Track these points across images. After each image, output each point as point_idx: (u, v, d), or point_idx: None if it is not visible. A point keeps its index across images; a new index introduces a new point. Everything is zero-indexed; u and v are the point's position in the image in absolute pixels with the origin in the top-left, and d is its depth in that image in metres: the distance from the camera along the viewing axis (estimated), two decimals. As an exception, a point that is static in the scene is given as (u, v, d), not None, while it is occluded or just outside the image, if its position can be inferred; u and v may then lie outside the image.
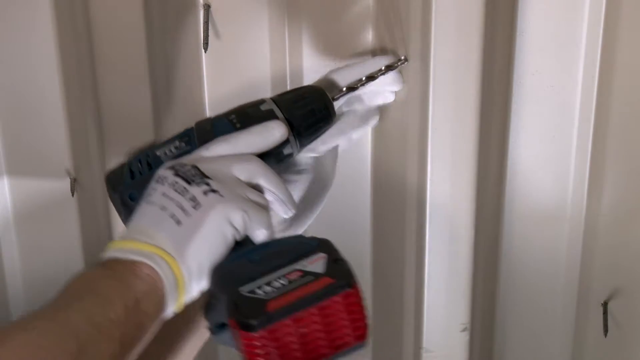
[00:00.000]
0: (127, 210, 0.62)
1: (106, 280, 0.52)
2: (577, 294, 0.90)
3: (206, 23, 0.82)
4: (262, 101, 0.67)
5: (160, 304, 0.53)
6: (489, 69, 0.79)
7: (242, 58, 0.85)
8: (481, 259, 0.87)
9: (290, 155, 0.66)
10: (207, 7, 0.82)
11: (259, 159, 0.61)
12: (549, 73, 0.82)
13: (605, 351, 0.89)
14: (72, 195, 0.89)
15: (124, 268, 0.53)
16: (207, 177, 0.57)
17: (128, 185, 0.63)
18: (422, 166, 0.82)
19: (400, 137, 0.84)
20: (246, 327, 0.49)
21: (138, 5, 0.82)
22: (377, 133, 0.85)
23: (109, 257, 0.54)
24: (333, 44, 0.82)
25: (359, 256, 0.91)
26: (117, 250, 0.54)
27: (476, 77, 0.77)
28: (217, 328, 0.54)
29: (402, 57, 0.77)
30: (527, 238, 0.89)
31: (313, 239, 0.56)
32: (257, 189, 0.60)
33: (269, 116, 0.65)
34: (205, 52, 0.83)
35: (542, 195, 0.87)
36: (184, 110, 0.88)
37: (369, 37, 0.82)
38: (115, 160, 0.86)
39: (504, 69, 0.82)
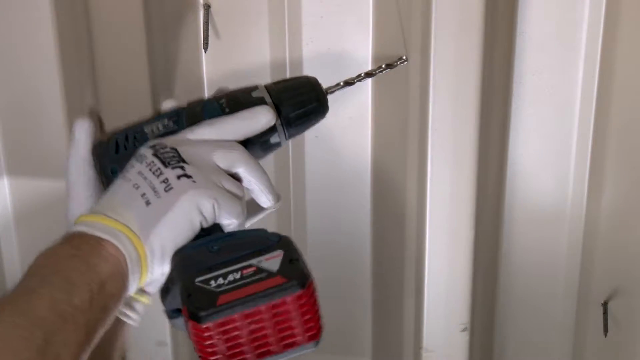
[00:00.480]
0: (107, 182, 0.62)
1: (71, 260, 0.52)
2: (577, 294, 0.90)
3: (206, 23, 0.82)
4: (255, 87, 0.66)
5: (124, 284, 0.54)
6: (489, 69, 0.79)
7: (242, 58, 0.85)
8: (481, 259, 0.87)
9: (278, 144, 0.66)
10: (207, 7, 0.82)
11: (241, 147, 0.61)
12: (549, 73, 0.82)
13: (605, 351, 0.89)
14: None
15: (90, 247, 0.53)
16: (185, 161, 0.57)
17: (111, 159, 0.63)
18: (422, 166, 0.82)
19: (400, 137, 0.84)
20: (195, 318, 0.50)
21: (138, 6, 0.82)
22: (377, 133, 0.85)
23: (77, 231, 0.54)
24: (333, 44, 0.82)
25: (359, 256, 0.91)
26: (86, 224, 0.55)
27: (476, 77, 0.77)
28: (173, 313, 0.55)
29: (403, 57, 0.77)
30: (527, 238, 0.89)
31: (275, 235, 0.56)
32: (237, 177, 0.60)
33: (259, 103, 0.64)
34: (205, 52, 0.83)
35: (542, 195, 0.87)
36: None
37: (369, 38, 0.81)
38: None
39: (504, 69, 0.82)
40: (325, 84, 0.70)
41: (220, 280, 0.52)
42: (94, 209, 0.57)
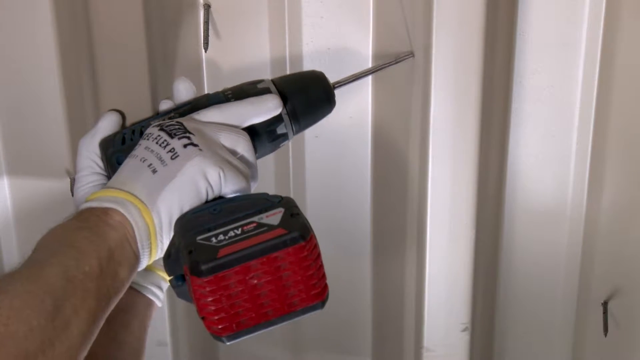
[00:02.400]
0: (113, 171, 0.63)
1: (79, 231, 0.52)
2: (577, 294, 0.90)
3: (206, 23, 0.82)
4: (260, 80, 0.67)
5: (135, 252, 0.54)
6: (489, 69, 0.79)
7: (242, 58, 0.85)
8: (481, 258, 0.88)
9: (284, 135, 0.66)
10: (207, 7, 0.82)
11: (246, 134, 0.61)
12: (549, 73, 0.82)
13: (605, 351, 0.89)
14: (72, 195, 0.89)
15: (97, 218, 0.53)
16: (191, 132, 0.58)
17: (117, 149, 0.63)
18: (423, 166, 0.82)
19: (401, 137, 0.84)
20: (196, 272, 0.50)
21: (138, 6, 0.82)
22: (377, 133, 0.85)
23: (83, 207, 0.55)
24: (333, 44, 0.82)
25: (360, 255, 0.91)
26: (92, 200, 0.55)
27: (476, 77, 0.77)
28: (177, 280, 0.54)
29: (410, 52, 0.78)
30: (527, 238, 0.89)
31: (277, 196, 0.56)
32: (241, 159, 0.60)
33: (265, 93, 0.65)
34: (205, 52, 0.83)
35: (542, 195, 0.87)
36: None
37: (369, 38, 0.82)
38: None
39: (504, 69, 0.82)
40: None
41: (221, 237, 0.51)
42: (101, 189, 0.58)
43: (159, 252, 0.56)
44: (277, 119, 0.64)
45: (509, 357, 0.95)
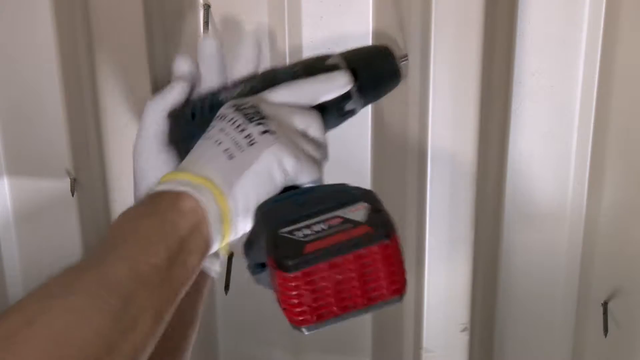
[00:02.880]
0: (185, 147, 0.61)
1: (149, 218, 0.51)
2: (577, 294, 0.90)
3: (206, 23, 0.82)
4: (329, 56, 0.66)
5: (205, 240, 0.52)
6: (489, 69, 0.79)
7: (242, 58, 0.85)
8: (481, 258, 0.87)
9: (352, 111, 0.65)
10: (207, 7, 0.82)
11: (319, 114, 0.61)
12: (549, 73, 0.82)
13: (605, 351, 0.89)
14: (72, 195, 0.89)
15: (169, 203, 0.52)
16: (267, 117, 0.57)
17: (188, 124, 0.62)
18: (422, 166, 0.82)
19: (401, 137, 0.84)
20: (283, 267, 0.49)
21: (138, 6, 0.82)
22: (377, 134, 0.85)
23: (157, 190, 0.53)
24: (333, 44, 0.82)
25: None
26: (165, 182, 0.54)
27: (476, 77, 0.77)
28: (256, 268, 0.54)
29: (405, 54, 0.78)
30: (526, 238, 0.89)
31: (357, 188, 0.56)
32: (313, 142, 0.60)
33: (334, 69, 0.64)
34: (205, 52, 0.83)
35: (542, 195, 0.87)
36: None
37: (369, 38, 0.82)
38: (115, 161, 0.86)
39: (504, 69, 0.82)
40: None
41: (307, 231, 0.51)
42: (175, 169, 0.56)
43: (231, 239, 0.55)
44: (346, 96, 0.63)
45: (508, 357, 0.95)
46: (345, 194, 0.55)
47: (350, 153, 0.86)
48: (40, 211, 0.91)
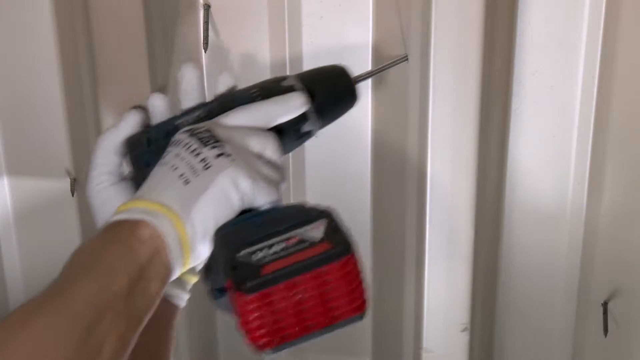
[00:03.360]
0: (141, 175, 0.61)
1: (109, 247, 0.51)
2: (577, 294, 0.90)
3: (206, 23, 0.82)
4: (285, 77, 0.66)
5: (166, 266, 0.53)
6: (489, 69, 0.79)
7: (242, 58, 0.85)
8: (481, 259, 0.87)
9: (310, 133, 0.65)
10: (207, 7, 0.82)
11: (275, 136, 0.61)
12: (549, 73, 0.82)
13: (605, 351, 0.89)
14: (72, 195, 0.89)
15: (128, 232, 0.52)
16: (222, 140, 0.57)
17: (144, 151, 0.63)
18: (422, 166, 0.82)
19: (400, 137, 0.84)
20: (242, 289, 0.49)
21: (138, 5, 0.82)
22: (378, 134, 0.85)
23: (114, 219, 0.54)
24: (333, 44, 0.82)
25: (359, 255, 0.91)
26: (123, 212, 0.54)
27: (476, 77, 0.77)
28: (217, 292, 0.54)
29: (404, 55, 0.78)
30: (527, 238, 0.89)
31: (316, 206, 0.55)
32: (269, 164, 0.60)
33: (290, 90, 0.64)
34: (205, 52, 0.83)
35: (542, 195, 0.87)
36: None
37: (369, 38, 0.82)
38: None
39: (504, 69, 0.82)
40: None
41: (265, 252, 0.51)
42: (131, 197, 0.56)
43: (191, 264, 0.55)
44: (303, 117, 0.64)
45: (508, 357, 0.95)
46: (303, 213, 0.54)
47: (351, 153, 0.86)
48: (40, 211, 0.91)
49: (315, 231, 0.52)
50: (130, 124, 0.63)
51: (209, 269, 0.55)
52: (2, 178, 0.90)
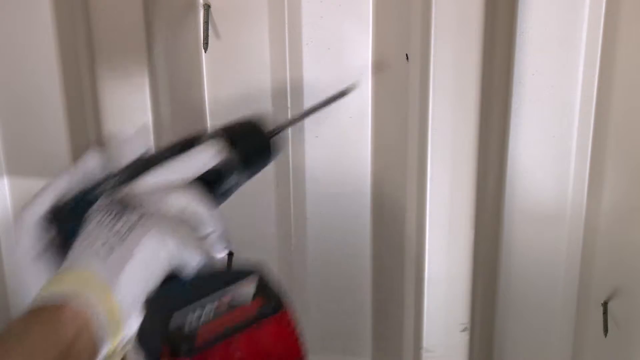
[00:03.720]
0: (67, 244, 0.61)
1: (32, 330, 0.49)
2: (577, 294, 0.90)
3: (206, 23, 0.82)
4: (202, 132, 0.66)
5: (94, 341, 0.51)
6: (489, 69, 0.79)
7: (242, 58, 0.85)
8: (481, 259, 0.87)
9: (235, 186, 0.65)
10: (207, 7, 0.82)
11: (197, 189, 0.60)
12: (549, 73, 0.82)
13: (605, 351, 0.89)
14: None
15: (50, 313, 0.50)
16: (142, 205, 0.57)
17: (67, 221, 0.61)
18: (422, 166, 0.82)
19: (400, 137, 0.84)
20: (177, 356, 0.49)
21: (138, 6, 0.82)
22: (377, 133, 0.85)
23: (39, 297, 0.52)
24: (333, 44, 0.82)
25: (359, 255, 0.91)
26: (48, 288, 0.52)
27: (476, 77, 0.77)
28: (151, 357, 0.53)
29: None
30: (527, 238, 0.89)
31: (245, 263, 0.55)
32: (193, 220, 0.58)
33: (204, 142, 0.64)
34: (205, 52, 0.83)
35: (542, 195, 0.87)
36: (185, 110, 0.88)
37: (369, 38, 0.82)
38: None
39: (504, 69, 0.82)
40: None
41: (198, 314, 0.50)
42: (56, 273, 0.54)
43: (124, 334, 0.53)
44: (228, 174, 0.63)
45: (508, 357, 0.95)
46: (233, 271, 0.54)
47: (350, 153, 0.86)
48: (40, 211, 0.91)
49: (247, 288, 0.52)
50: (49, 198, 0.62)
51: (141, 336, 0.54)
52: (2, 178, 0.90)
